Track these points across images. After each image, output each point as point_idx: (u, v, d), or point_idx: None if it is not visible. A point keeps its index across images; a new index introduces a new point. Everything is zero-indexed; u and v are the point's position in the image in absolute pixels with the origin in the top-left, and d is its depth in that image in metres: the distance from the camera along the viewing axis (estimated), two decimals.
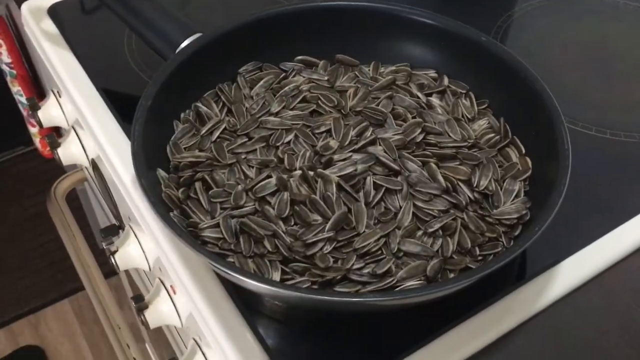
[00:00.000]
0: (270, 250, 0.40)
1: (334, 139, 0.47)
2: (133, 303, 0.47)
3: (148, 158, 0.42)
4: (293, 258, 0.40)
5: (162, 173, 0.44)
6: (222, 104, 0.50)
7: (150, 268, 0.51)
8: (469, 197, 0.43)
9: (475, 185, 0.44)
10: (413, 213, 0.42)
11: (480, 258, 0.41)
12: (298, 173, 0.44)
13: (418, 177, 0.44)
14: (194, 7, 0.66)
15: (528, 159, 0.46)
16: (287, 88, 0.51)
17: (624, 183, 0.50)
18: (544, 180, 0.43)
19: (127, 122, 0.53)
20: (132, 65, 0.58)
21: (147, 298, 0.48)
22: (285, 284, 0.39)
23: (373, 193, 0.43)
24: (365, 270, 0.39)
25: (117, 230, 0.57)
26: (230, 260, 0.40)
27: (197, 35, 0.50)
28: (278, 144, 0.47)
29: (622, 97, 0.58)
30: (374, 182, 0.43)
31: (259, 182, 0.43)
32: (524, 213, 0.42)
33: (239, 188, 0.43)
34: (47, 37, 0.60)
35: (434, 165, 0.44)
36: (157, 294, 0.48)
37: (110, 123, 0.53)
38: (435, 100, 0.51)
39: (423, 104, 0.50)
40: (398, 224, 0.42)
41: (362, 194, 0.43)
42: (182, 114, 0.49)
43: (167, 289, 0.48)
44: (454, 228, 0.42)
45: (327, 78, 0.52)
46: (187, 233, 0.40)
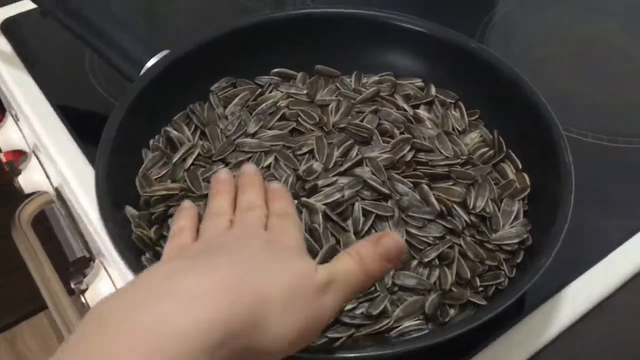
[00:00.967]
0: None
1: (317, 161, 0.43)
2: None
3: (116, 195, 0.39)
4: None
5: (131, 211, 0.40)
6: (194, 127, 0.46)
7: None
8: (465, 220, 0.40)
9: (472, 207, 0.41)
10: (406, 241, 0.39)
11: (482, 289, 0.38)
12: None
13: (410, 200, 0.41)
14: (162, 21, 0.62)
15: (525, 175, 0.43)
16: (264, 105, 0.47)
17: (628, 194, 0.47)
18: (544, 198, 0.40)
19: (91, 147, 0.49)
20: (94, 84, 0.54)
21: None
22: None
23: (362, 220, 0.40)
24: (359, 311, 0.36)
25: (87, 263, 0.53)
26: None
27: (164, 53, 0.46)
28: None
29: (616, 99, 0.55)
30: (363, 208, 0.40)
31: None
32: (525, 237, 0.40)
33: None
34: None
35: (426, 187, 0.41)
36: None
37: (72, 149, 0.49)
38: (424, 113, 0.47)
39: (410, 118, 0.47)
40: None
41: (350, 222, 0.40)
42: (151, 141, 0.45)
43: None
44: (452, 257, 0.39)
45: (306, 92, 0.49)
46: None
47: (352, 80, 0.50)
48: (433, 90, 0.49)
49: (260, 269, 0.29)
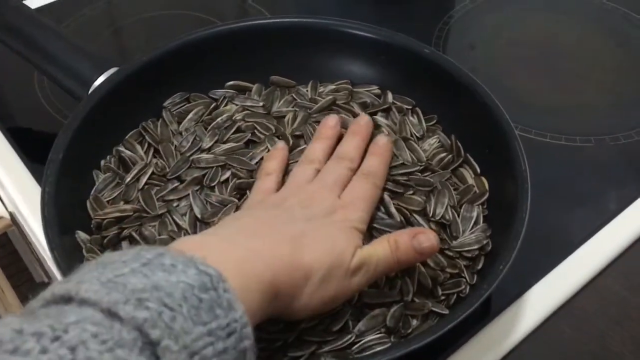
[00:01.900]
0: None
1: None
2: None
3: (66, 220, 0.37)
4: None
5: (82, 235, 0.39)
6: (147, 145, 0.45)
7: None
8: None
9: (431, 215, 0.40)
10: None
11: (443, 298, 0.38)
12: None
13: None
14: (113, 35, 0.60)
15: (484, 180, 0.43)
16: (219, 119, 0.46)
17: (587, 193, 0.47)
18: (503, 202, 0.40)
19: (42, 171, 0.47)
20: (44, 105, 0.52)
21: None
22: None
23: None
24: (320, 327, 0.35)
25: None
26: None
27: (113, 70, 0.45)
28: (213, 184, 0.42)
29: (573, 98, 0.55)
30: None
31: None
32: (485, 243, 0.39)
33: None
34: None
35: (387, 197, 0.41)
36: None
37: (23, 174, 0.47)
38: (381, 119, 0.47)
39: None
40: None
41: None
42: (102, 162, 0.44)
43: None
44: (413, 266, 0.38)
45: (262, 104, 0.48)
46: None
47: (308, 90, 0.49)
48: (390, 97, 0.48)
49: (313, 247, 0.33)
